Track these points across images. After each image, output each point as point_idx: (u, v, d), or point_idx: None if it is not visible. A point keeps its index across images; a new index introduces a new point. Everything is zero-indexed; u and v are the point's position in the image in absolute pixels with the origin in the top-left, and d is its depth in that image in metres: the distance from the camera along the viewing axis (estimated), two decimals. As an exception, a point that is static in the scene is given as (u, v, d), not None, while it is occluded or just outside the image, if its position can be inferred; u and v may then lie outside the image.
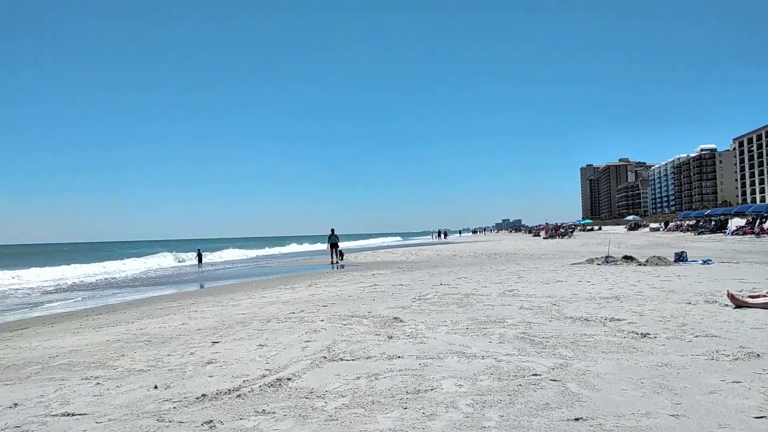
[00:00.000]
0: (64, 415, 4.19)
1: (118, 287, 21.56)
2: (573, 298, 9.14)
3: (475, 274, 14.87)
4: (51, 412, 4.29)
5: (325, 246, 40.52)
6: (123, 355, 6.36)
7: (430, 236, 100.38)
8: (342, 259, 30.75)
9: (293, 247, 67.45)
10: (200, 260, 39.56)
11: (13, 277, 26.84)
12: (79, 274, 30.60)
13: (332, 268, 24.52)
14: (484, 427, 3.41)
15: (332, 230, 30.86)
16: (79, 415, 4.16)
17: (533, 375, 4.54)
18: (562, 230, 61.78)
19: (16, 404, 4.57)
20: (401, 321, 7.49)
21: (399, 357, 5.37)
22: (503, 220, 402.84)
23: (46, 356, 6.74)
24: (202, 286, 19.78)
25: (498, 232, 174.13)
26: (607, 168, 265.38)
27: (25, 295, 19.77)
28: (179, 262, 42.37)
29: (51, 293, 19.99)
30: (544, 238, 57.97)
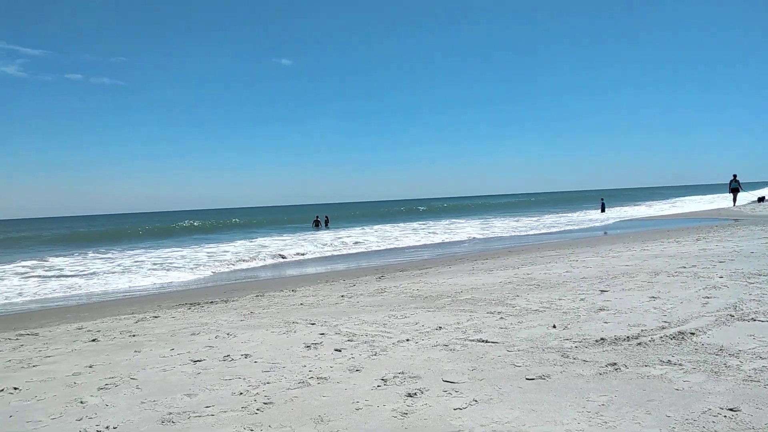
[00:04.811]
0: (478, 341, 4.87)
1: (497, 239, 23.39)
2: None
3: None
4: (468, 337, 5.03)
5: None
6: (518, 296, 6.97)
7: None
8: (761, 202, 30.72)
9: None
10: (603, 209, 39.43)
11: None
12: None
13: (734, 221, 21.67)
14: None
15: (734, 176, 32.28)
16: (492, 342, 4.78)
17: None
18: None
19: (440, 327, 5.51)
20: (830, 283, 6.25)
21: (834, 324, 4.54)
22: None
23: (453, 291, 7.84)
24: (612, 233, 19.95)
25: None
26: None
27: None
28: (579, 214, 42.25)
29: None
30: None
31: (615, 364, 3.90)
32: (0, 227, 73.88)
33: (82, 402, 3.93)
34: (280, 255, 18.90)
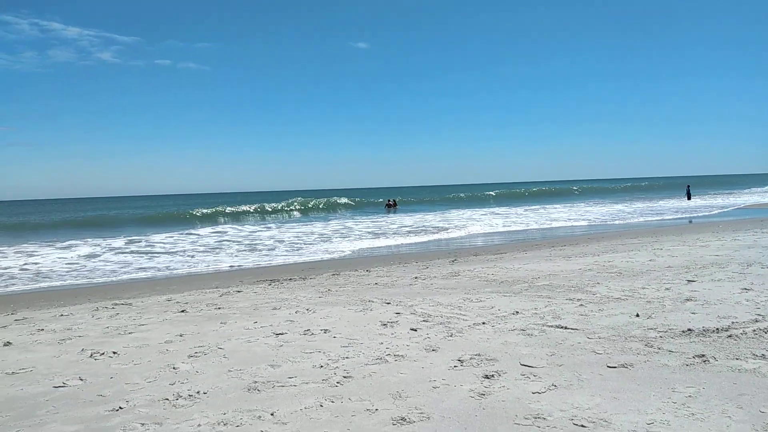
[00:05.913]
0: (557, 327, 4.79)
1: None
2: None
3: None
4: (546, 323, 4.96)
5: None
6: (598, 283, 6.78)
7: None
8: None
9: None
10: (689, 196, 37.87)
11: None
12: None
13: None
14: None
15: None
16: (571, 329, 4.69)
17: None
18: None
19: (517, 312, 5.46)
20: None
21: None
22: None
23: (530, 277, 7.72)
24: (697, 221, 19.08)
25: None
26: None
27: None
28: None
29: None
30: None
31: (703, 355, 3.75)
32: (103, 204, 78.96)
33: (174, 368, 4.19)
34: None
